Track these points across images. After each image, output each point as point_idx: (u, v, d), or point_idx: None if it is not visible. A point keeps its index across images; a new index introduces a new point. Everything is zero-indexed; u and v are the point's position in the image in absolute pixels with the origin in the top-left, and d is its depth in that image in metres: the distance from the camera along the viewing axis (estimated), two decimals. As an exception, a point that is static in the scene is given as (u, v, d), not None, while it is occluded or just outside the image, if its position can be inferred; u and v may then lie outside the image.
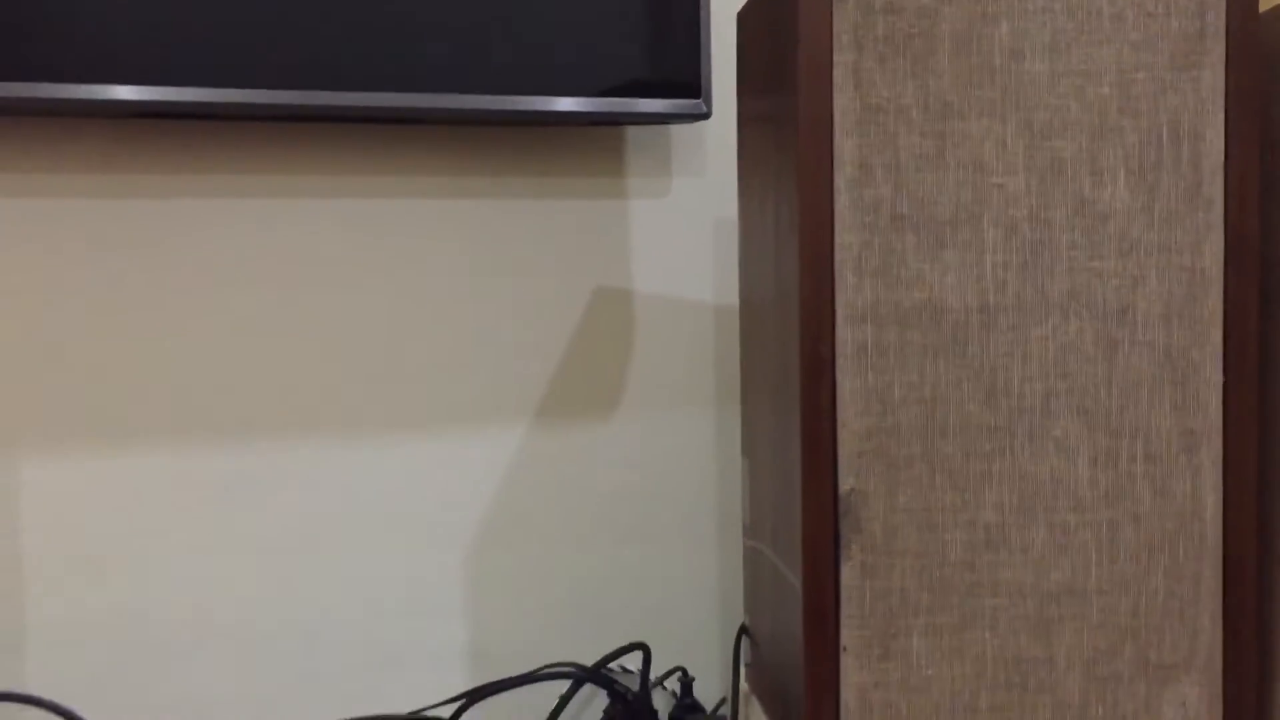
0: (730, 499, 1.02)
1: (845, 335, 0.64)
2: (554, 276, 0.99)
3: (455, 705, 0.88)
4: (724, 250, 1.02)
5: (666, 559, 1.01)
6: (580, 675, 0.87)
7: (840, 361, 0.64)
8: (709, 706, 0.96)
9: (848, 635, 0.64)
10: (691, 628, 1.01)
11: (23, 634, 0.90)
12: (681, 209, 1.02)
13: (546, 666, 0.89)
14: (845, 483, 0.64)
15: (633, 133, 1.01)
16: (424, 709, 0.90)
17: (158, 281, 0.92)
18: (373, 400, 0.96)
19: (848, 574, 0.64)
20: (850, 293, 0.64)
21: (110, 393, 0.91)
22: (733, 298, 1.02)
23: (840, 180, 0.63)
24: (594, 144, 1.00)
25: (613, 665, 0.91)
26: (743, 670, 0.82)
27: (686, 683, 0.94)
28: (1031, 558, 0.65)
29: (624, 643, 0.98)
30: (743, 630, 0.83)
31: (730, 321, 1.02)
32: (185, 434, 0.93)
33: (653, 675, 0.93)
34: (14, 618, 0.89)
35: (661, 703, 0.98)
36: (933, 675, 0.65)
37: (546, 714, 0.89)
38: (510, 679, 0.88)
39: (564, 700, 0.88)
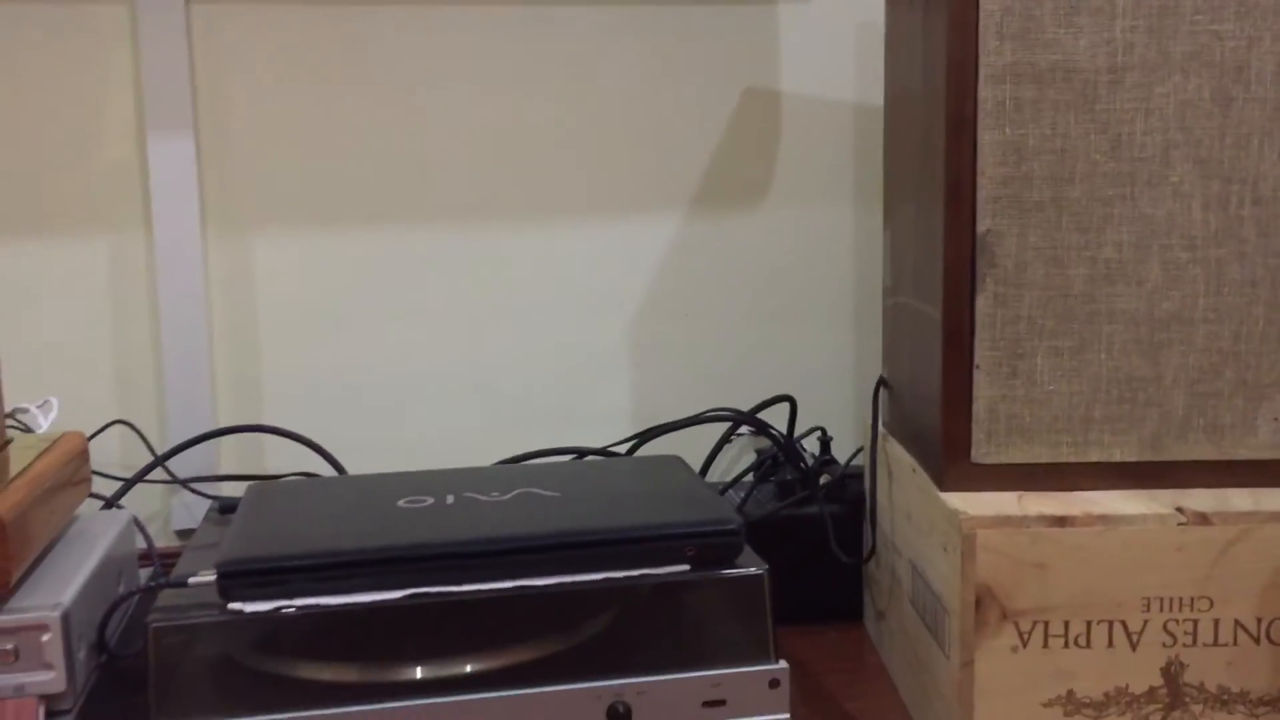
0: (865, 281, 1.13)
1: (986, 94, 0.73)
2: (708, 78, 1.09)
3: (629, 444, 1.02)
4: (865, 54, 1.11)
5: (808, 334, 1.13)
6: (738, 418, 1.00)
7: (981, 118, 0.74)
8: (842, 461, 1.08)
9: (980, 355, 0.75)
10: (829, 394, 1.13)
11: (259, 384, 1.06)
12: (826, 14, 1.10)
13: (708, 410, 1.02)
14: (983, 224, 0.74)
15: (783, -58, 1.09)
16: (601, 447, 1.04)
17: (374, 80, 1.04)
18: (552, 189, 1.08)
19: (982, 303, 0.75)
20: (992, 55, 0.73)
21: (332, 178, 1.05)
22: (872, 99, 1.11)
23: (986, -44, 0.72)
24: (748, -48, 1.09)
25: (762, 417, 1.03)
26: (880, 416, 0.94)
27: (825, 440, 1.06)
28: (1146, 290, 0.74)
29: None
30: (881, 383, 0.94)
31: (869, 121, 1.11)
32: (395, 215, 1.06)
33: (796, 433, 1.05)
34: (253, 370, 1.06)
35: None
36: (1054, 390, 0.75)
37: (705, 455, 1.02)
38: (677, 421, 1.01)
39: (723, 440, 1.01)
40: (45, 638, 0.66)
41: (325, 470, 1.01)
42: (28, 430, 0.89)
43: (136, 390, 1.04)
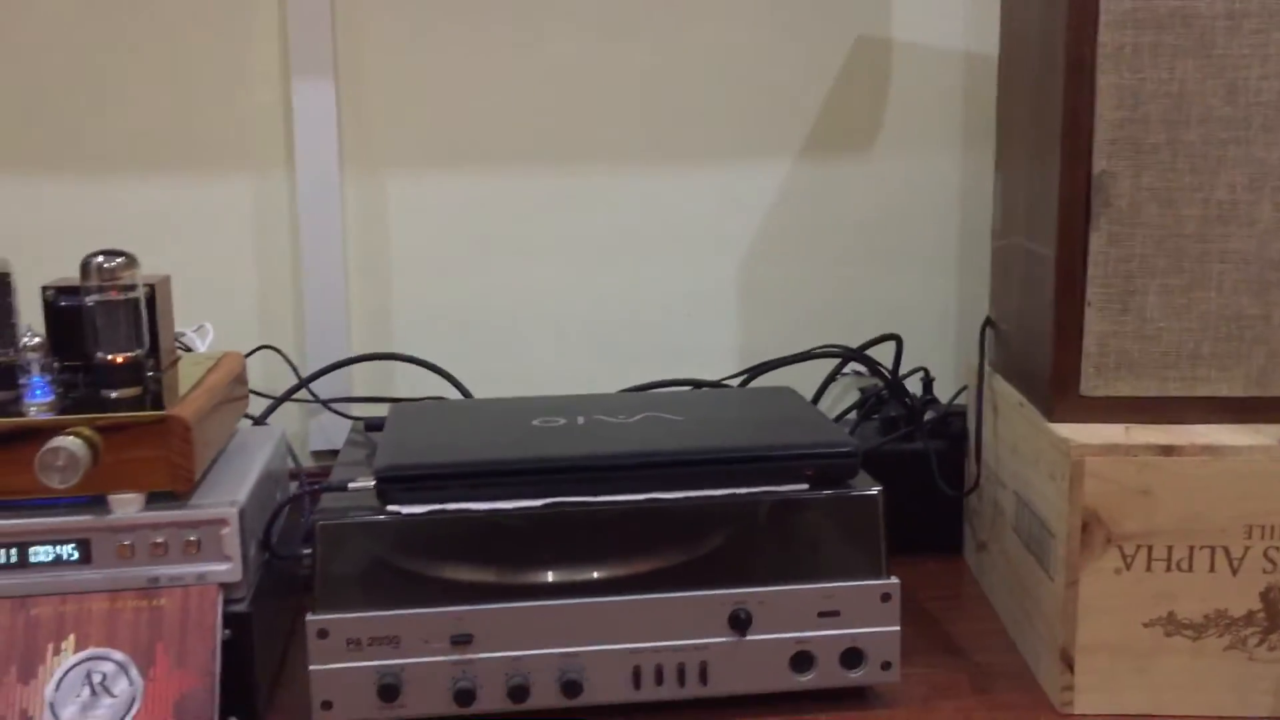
0: (970, 228, 1.15)
1: (1105, 39, 0.76)
2: (821, 25, 1.12)
3: (739, 378, 1.07)
4: (975, 2, 1.13)
5: (912, 277, 1.16)
6: (847, 354, 1.04)
7: (1100, 62, 0.76)
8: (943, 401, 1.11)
9: (1092, 292, 0.78)
10: (932, 336, 1.16)
11: (389, 315, 1.12)
12: (940, -37, 1.12)
13: (818, 347, 1.06)
14: (1098, 165, 0.77)
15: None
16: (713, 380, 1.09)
17: (500, 27, 1.09)
18: (667, 133, 1.12)
19: (1095, 242, 0.78)
20: (1112, 1, 0.75)
21: (460, 121, 1.10)
22: (981, 46, 1.13)
23: (1109, -96, 0.74)
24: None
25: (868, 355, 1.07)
26: (985, 355, 0.97)
27: (927, 381, 1.10)
28: (1257, 231, 0.77)
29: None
30: (987, 322, 0.98)
31: (978, 68, 1.13)
32: (518, 156, 1.11)
33: (899, 372, 1.09)
34: (383, 302, 1.12)
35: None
36: (1163, 327, 0.78)
37: (812, 392, 1.07)
38: (786, 357, 1.05)
39: (831, 376, 1.05)
40: (224, 531, 0.73)
41: (450, 395, 1.07)
42: (188, 350, 0.96)
43: (277, 319, 1.11)
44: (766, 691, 0.77)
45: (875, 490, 0.78)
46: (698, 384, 1.07)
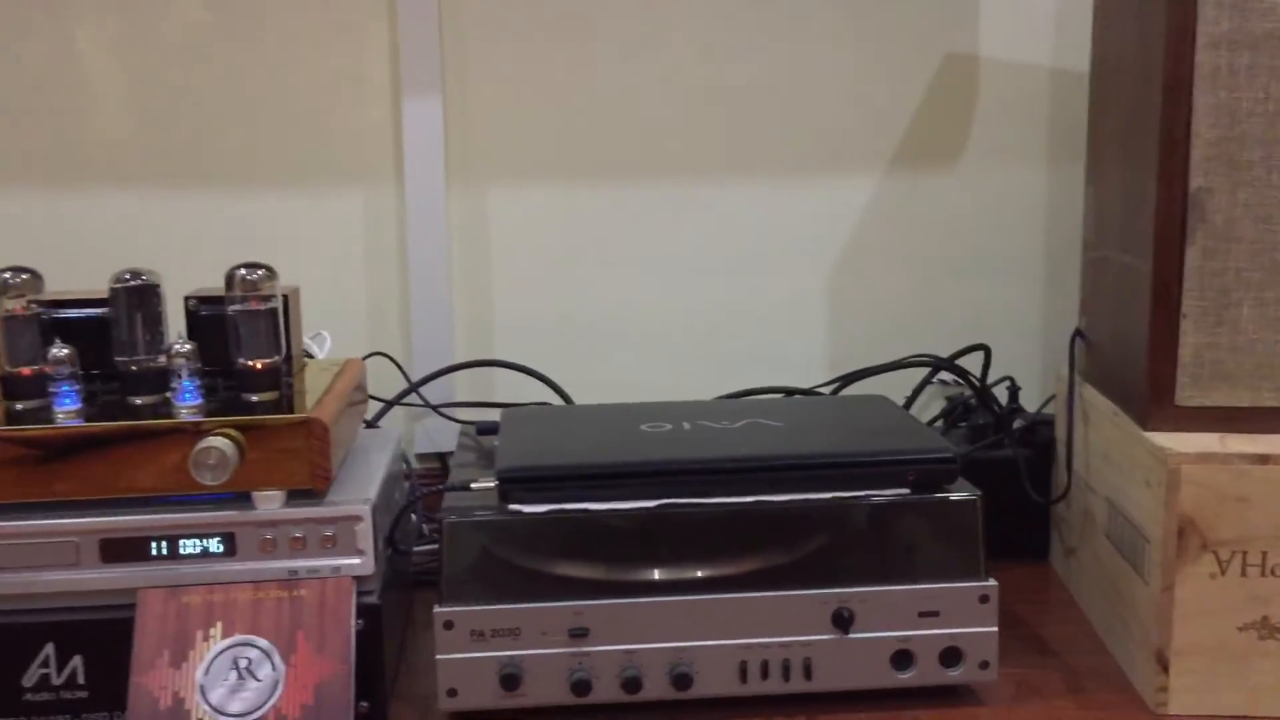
0: (1055, 240, 1.18)
1: (1203, 59, 0.78)
2: (910, 42, 1.15)
3: (830, 386, 1.10)
4: (1065, 21, 1.15)
5: (998, 289, 1.19)
6: (938, 364, 1.07)
7: (1197, 81, 0.79)
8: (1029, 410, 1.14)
9: (1188, 305, 0.81)
10: (1018, 347, 1.18)
11: (491, 323, 1.17)
12: (1028, -18, 1.15)
13: (909, 356, 1.09)
14: (1195, 182, 0.79)
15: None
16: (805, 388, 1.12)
17: (598, 44, 1.14)
18: (758, 146, 1.16)
19: (1191, 256, 0.80)
20: (1209, 24, 0.78)
21: (559, 135, 1.15)
22: (1068, 63, 1.15)
23: (1207, -71, 0.77)
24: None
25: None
26: (1075, 365, 0.99)
27: (1014, 389, 1.12)
28: (1352, 246, 0.79)
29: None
30: (1077, 333, 1.00)
31: (1066, 84, 1.16)
32: (615, 169, 1.16)
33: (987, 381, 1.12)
34: (485, 311, 1.17)
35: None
36: (1257, 339, 0.80)
37: (901, 400, 1.10)
38: (878, 365, 1.09)
39: (922, 384, 1.08)
40: (358, 527, 0.78)
41: (551, 401, 1.11)
42: (310, 357, 1.01)
43: (385, 327, 1.16)
44: (868, 688, 0.80)
45: (975, 495, 0.81)
46: (790, 391, 1.10)
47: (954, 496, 0.81)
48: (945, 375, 1.14)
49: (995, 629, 0.80)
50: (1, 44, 1.09)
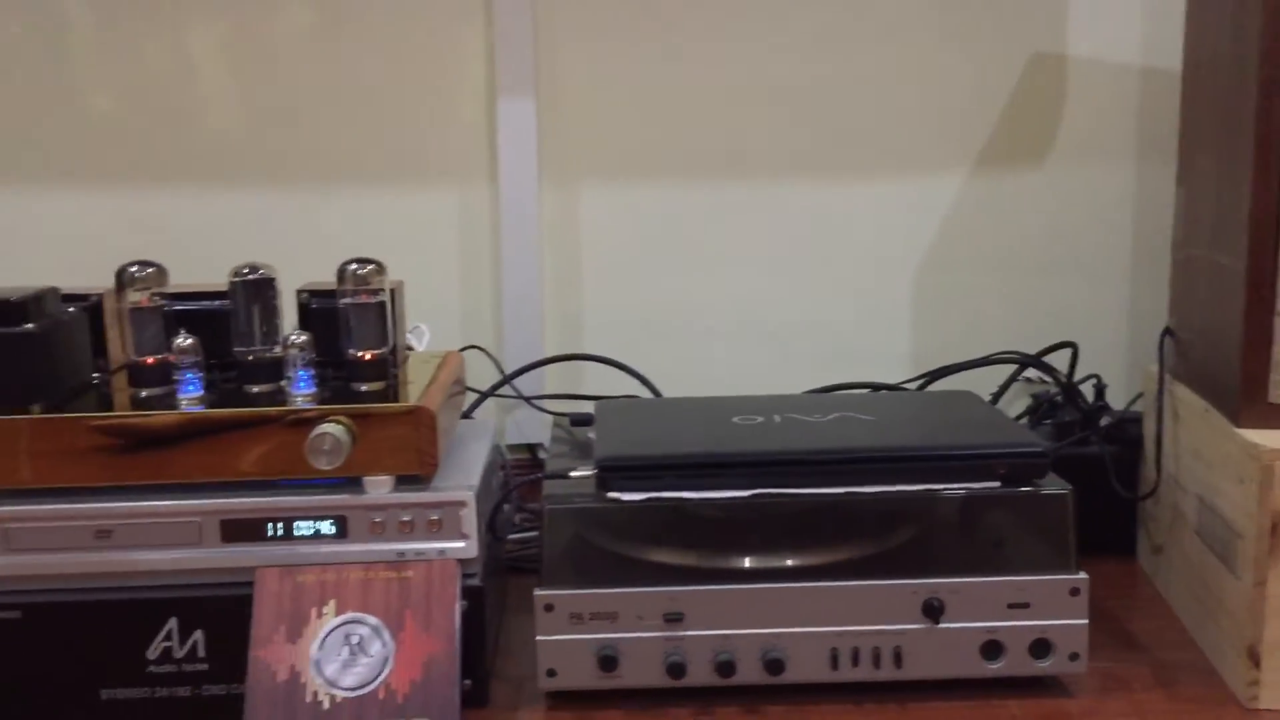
0: (1142, 238, 1.18)
1: (1300, 59, 0.79)
2: (997, 41, 1.16)
3: (916, 383, 1.11)
4: (1153, 19, 1.15)
5: (1084, 287, 1.19)
6: (1025, 360, 1.07)
7: (1294, 80, 0.79)
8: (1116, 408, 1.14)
9: (1281, 303, 0.81)
10: (1104, 344, 1.18)
11: (580, 319, 1.20)
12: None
13: (997, 353, 1.10)
14: (1290, 179, 0.80)
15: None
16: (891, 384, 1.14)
17: (686, 44, 1.16)
18: (845, 147, 1.18)
19: (1286, 253, 0.80)
20: (1308, 23, 0.78)
21: (648, 134, 1.17)
22: (1157, 62, 1.15)
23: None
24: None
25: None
26: (1164, 363, 1.00)
27: (1100, 387, 1.12)
28: None
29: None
30: (1166, 331, 1.00)
31: (1155, 83, 1.16)
32: (702, 168, 1.18)
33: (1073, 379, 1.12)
34: (575, 306, 1.20)
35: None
36: (1354, 337, 0.80)
37: (986, 397, 1.10)
38: (965, 362, 1.10)
39: (1009, 381, 1.09)
40: (463, 512, 0.81)
41: (638, 395, 1.14)
42: (409, 349, 1.05)
43: (477, 321, 1.19)
44: (957, 677, 0.82)
45: (1066, 489, 0.82)
46: (876, 387, 1.12)
47: (1046, 490, 0.82)
48: (1030, 373, 1.14)
49: (1085, 621, 0.81)
50: (121, 47, 1.14)
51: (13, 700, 0.79)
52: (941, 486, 0.81)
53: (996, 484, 0.82)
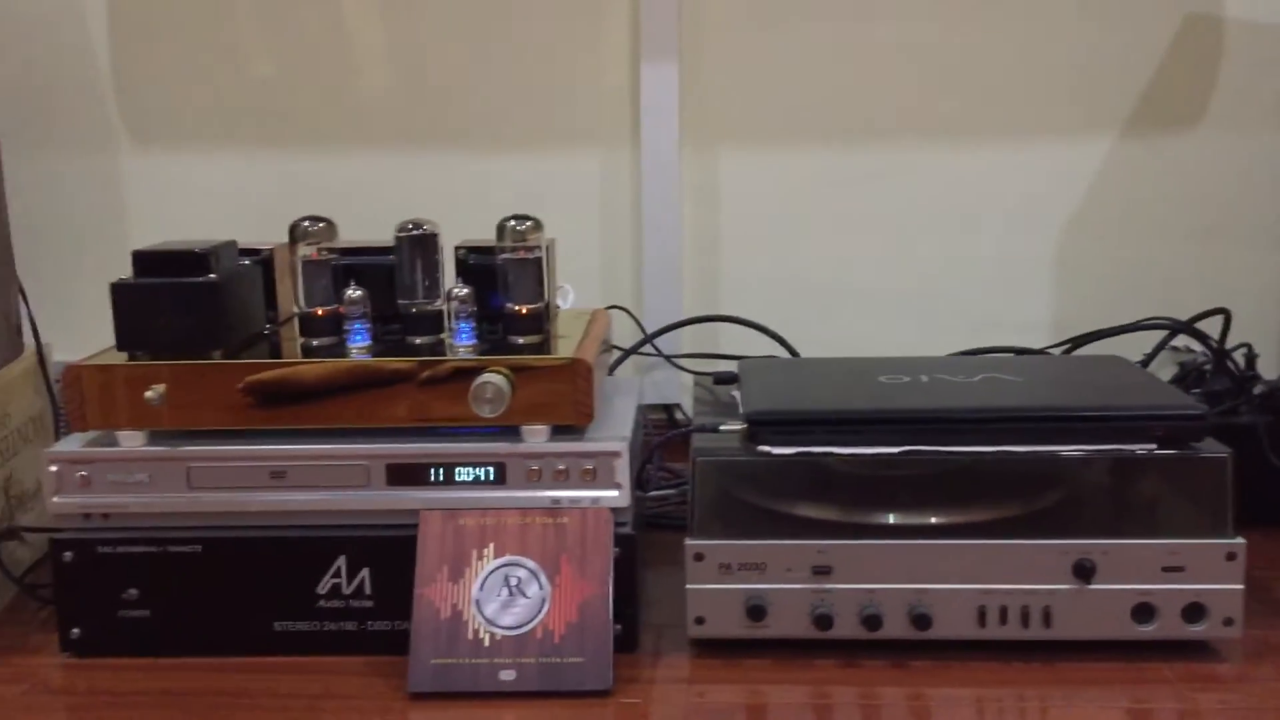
0: (1301, 205, 1.15)
1: None
2: (1149, 4, 1.13)
3: (1063, 347, 1.10)
4: (1317, -24, 1.12)
5: (1235, 255, 1.16)
6: (1176, 326, 1.06)
7: None
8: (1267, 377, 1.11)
9: None
10: (1255, 313, 1.16)
11: (717, 280, 1.21)
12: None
13: (1146, 319, 1.09)
14: None
15: None
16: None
17: (826, 11, 1.16)
18: (989, 111, 1.17)
19: None
20: None
21: (788, 99, 1.18)
22: (1320, 21, 1.12)
23: None
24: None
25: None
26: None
27: (1251, 356, 1.10)
28: None
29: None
30: (1325, 297, 0.98)
31: (1316, 43, 1.12)
32: (841, 132, 1.18)
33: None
34: (712, 267, 1.21)
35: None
36: None
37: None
38: (1114, 327, 1.08)
39: (1159, 347, 1.07)
40: (617, 462, 0.83)
41: (776, 355, 1.15)
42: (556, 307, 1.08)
43: (617, 281, 1.22)
44: (1107, 639, 0.81)
45: (1225, 452, 0.81)
46: (1018, 351, 1.11)
47: (1204, 453, 0.81)
48: (1176, 341, 1.12)
49: (1241, 586, 0.80)
50: (281, 16, 1.19)
51: (195, 629, 0.84)
52: (1097, 448, 0.81)
53: (1153, 446, 0.81)
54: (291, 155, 1.21)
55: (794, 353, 1.13)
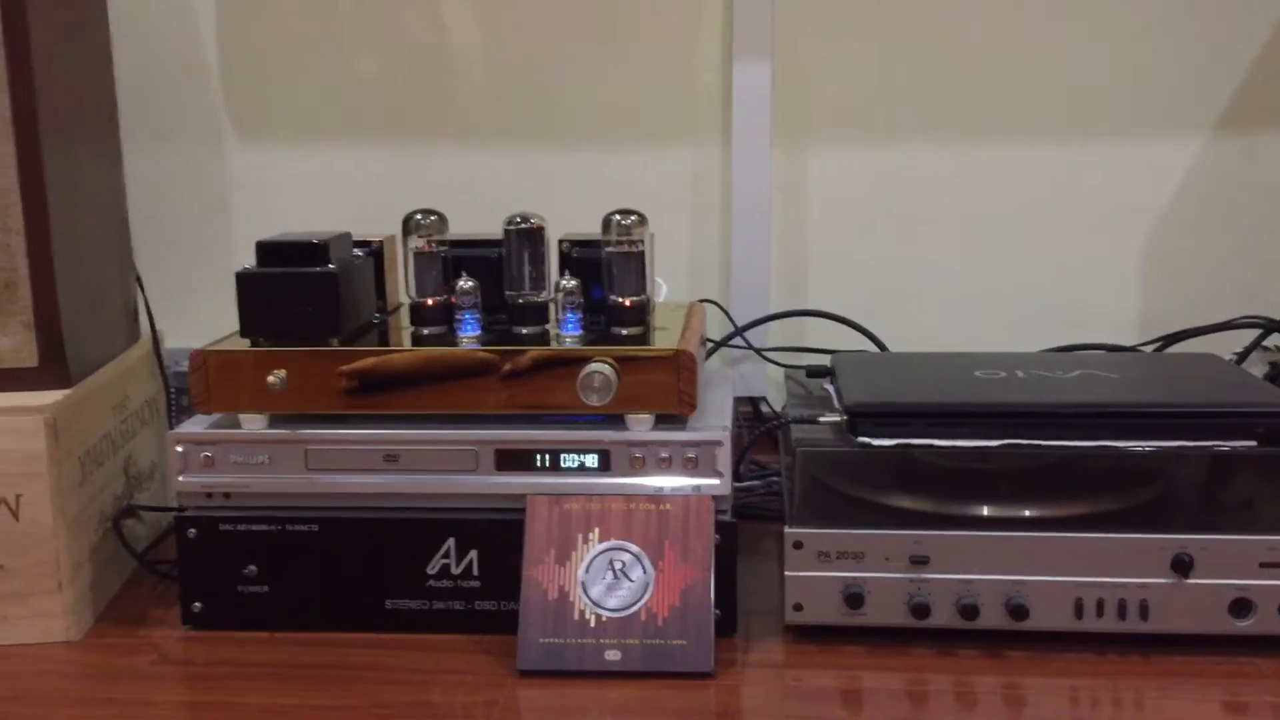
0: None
1: None
2: (1244, 1, 1.13)
3: (1153, 345, 1.11)
4: None
5: (1330, 254, 1.16)
6: (1270, 325, 1.06)
7: None
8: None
9: None
10: (1350, 314, 1.15)
11: (805, 275, 1.23)
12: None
13: (1240, 318, 1.09)
14: None
15: None
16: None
17: (918, 9, 1.17)
18: (1077, 108, 1.17)
19: None
20: None
21: (877, 97, 1.19)
22: None
23: None
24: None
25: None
26: None
27: (1344, 356, 1.10)
28: None
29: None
30: None
31: None
32: (931, 129, 1.20)
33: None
34: (799, 263, 1.23)
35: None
36: None
37: (1223, 363, 1.09)
38: (1204, 326, 1.09)
39: (1253, 346, 1.07)
40: (719, 451, 0.86)
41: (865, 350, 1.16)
42: (650, 301, 1.10)
43: (705, 276, 1.24)
44: (1204, 633, 0.82)
45: (1327, 451, 0.81)
46: (1110, 349, 1.12)
47: (1306, 451, 0.81)
48: (1267, 341, 1.12)
49: (1340, 584, 0.81)
50: (380, 19, 1.22)
51: (310, 605, 0.88)
52: (1197, 444, 0.82)
53: (1253, 443, 0.82)
54: (391, 151, 1.25)
55: (882, 347, 1.15)
